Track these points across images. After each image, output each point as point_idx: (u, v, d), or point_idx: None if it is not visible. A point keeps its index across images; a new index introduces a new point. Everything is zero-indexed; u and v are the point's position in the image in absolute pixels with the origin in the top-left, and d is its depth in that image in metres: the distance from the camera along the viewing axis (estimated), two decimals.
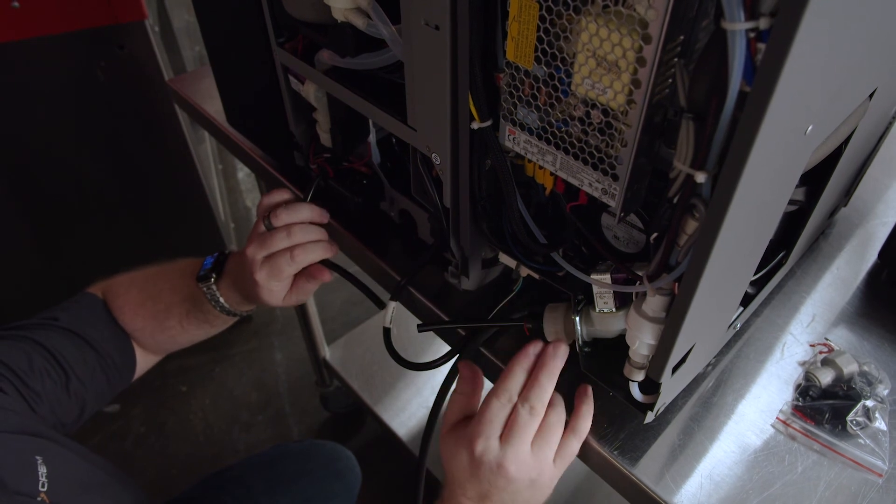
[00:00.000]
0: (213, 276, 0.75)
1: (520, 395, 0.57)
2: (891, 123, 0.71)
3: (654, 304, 0.46)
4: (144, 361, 0.82)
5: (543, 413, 0.56)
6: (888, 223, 0.79)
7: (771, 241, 0.65)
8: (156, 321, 0.77)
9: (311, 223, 0.72)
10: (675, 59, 0.37)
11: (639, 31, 0.36)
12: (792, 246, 0.64)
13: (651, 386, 0.51)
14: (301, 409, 1.69)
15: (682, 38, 0.36)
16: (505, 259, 0.61)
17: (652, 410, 0.53)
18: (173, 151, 1.43)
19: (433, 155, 0.54)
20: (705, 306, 0.45)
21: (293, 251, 0.69)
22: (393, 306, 0.69)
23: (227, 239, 1.71)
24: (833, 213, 0.75)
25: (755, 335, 0.68)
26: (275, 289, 0.72)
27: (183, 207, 1.55)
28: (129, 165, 1.43)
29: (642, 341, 0.47)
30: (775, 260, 0.64)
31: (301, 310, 1.41)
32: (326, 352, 1.52)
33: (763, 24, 0.30)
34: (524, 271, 0.61)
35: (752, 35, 0.31)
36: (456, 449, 0.57)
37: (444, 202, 0.57)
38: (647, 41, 0.35)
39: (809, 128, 0.40)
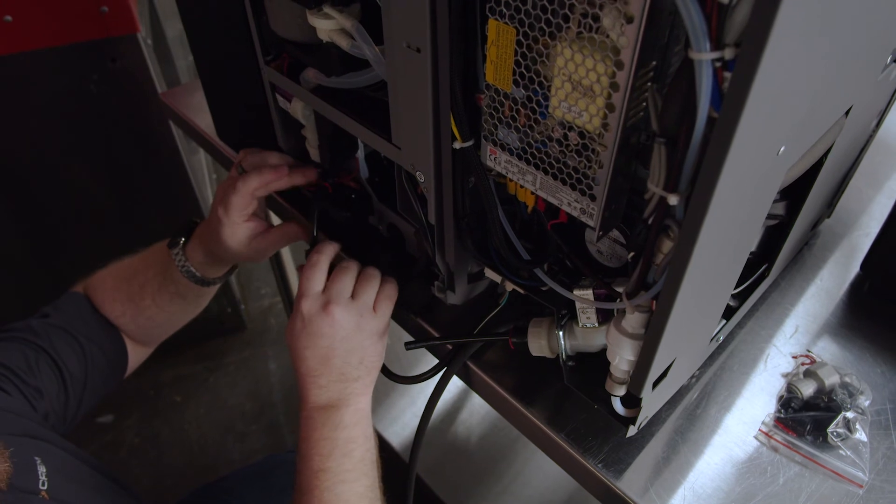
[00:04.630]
0: (182, 239, 0.76)
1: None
2: (871, 137, 0.72)
3: (633, 320, 0.46)
4: (136, 354, 0.82)
5: (357, 270, 0.65)
6: (871, 234, 0.80)
7: (753, 253, 0.66)
8: (132, 303, 0.78)
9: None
10: (649, 84, 0.38)
11: (611, 57, 0.36)
12: (774, 259, 0.65)
13: (632, 400, 0.52)
14: (295, 419, 1.68)
15: (654, 63, 0.37)
16: (490, 274, 0.62)
17: (634, 424, 0.54)
18: (167, 163, 1.44)
19: (417, 173, 0.55)
20: (684, 322, 0.46)
21: (244, 176, 0.69)
22: None
23: None
24: (816, 224, 0.76)
25: (739, 347, 0.68)
26: (236, 222, 0.70)
27: (176, 218, 1.55)
28: (123, 177, 1.44)
29: (622, 357, 0.48)
30: (757, 273, 0.65)
31: None
32: None
33: (728, 54, 0.31)
34: (509, 286, 0.62)
35: (718, 64, 0.32)
36: (290, 325, 0.64)
37: (428, 219, 0.58)
38: (619, 67, 0.36)
39: (781, 149, 0.41)
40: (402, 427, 1.46)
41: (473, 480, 1.38)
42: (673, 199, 0.37)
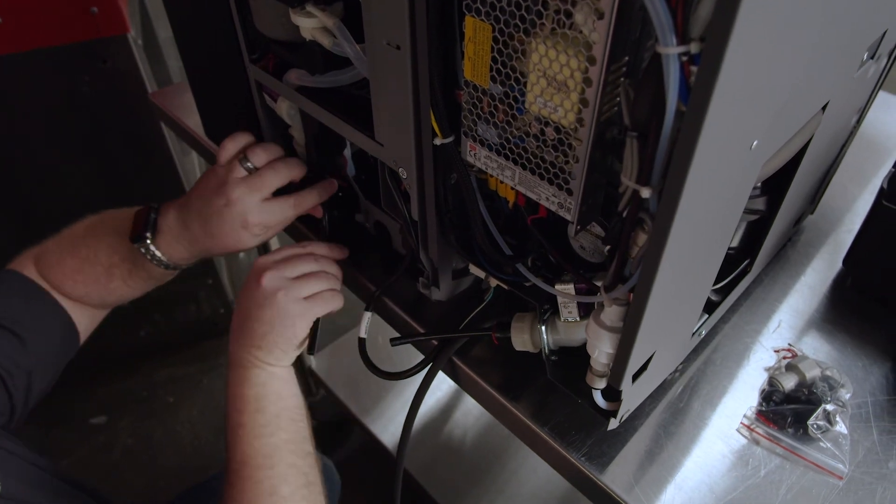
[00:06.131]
0: (148, 235, 0.71)
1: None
2: (853, 133, 0.72)
3: (612, 314, 0.47)
4: (92, 319, 0.80)
5: (316, 266, 0.67)
6: (855, 231, 0.81)
7: (735, 249, 0.66)
8: (99, 284, 0.75)
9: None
10: (622, 79, 0.39)
11: (584, 52, 0.37)
12: (755, 254, 0.66)
13: (613, 393, 0.52)
14: None
15: (626, 58, 0.38)
16: (475, 270, 0.63)
17: (615, 417, 0.54)
18: (158, 163, 1.44)
19: (400, 169, 0.55)
20: (661, 315, 0.47)
21: (295, 197, 0.69)
22: (368, 316, 0.70)
23: None
24: (799, 220, 0.77)
25: (723, 342, 0.69)
26: (261, 234, 0.70)
27: None
28: (114, 177, 1.44)
29: (601, 350, 0.48)
30: (739, 268, 0.66)
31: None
32: (312, 361, 1.53)
33: (694, 48, 0.31)
34: (494, 281, 0.62)
35: (684, 58, 0.32)
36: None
37: (412, 215, 0.58)
38: (592, 62, 0.37)
39: (755, 143, 0.42)
40: (397, 427, 1.46)
41: (467, 480, 1.38)
42: (645, 192, 0.38)
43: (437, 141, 0.49)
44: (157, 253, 0.72)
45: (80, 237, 0.76)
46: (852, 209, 0.86)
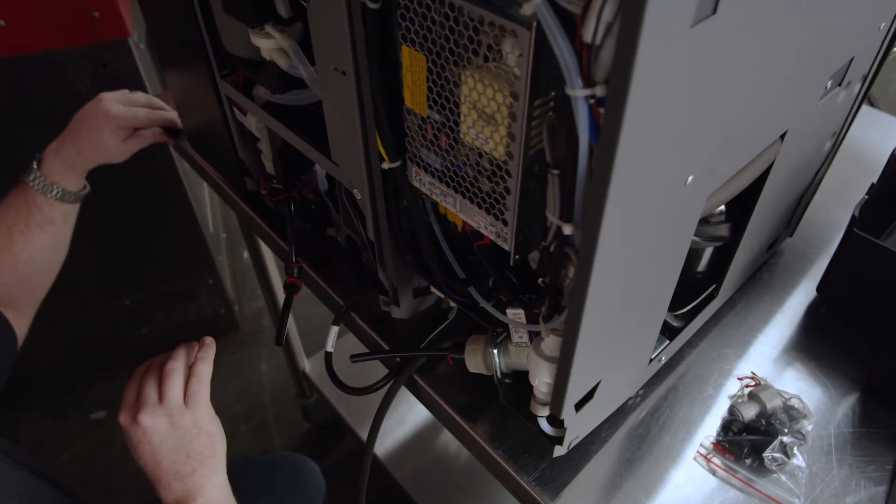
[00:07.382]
0: (35, 164, 0.82)
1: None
2: (830, 156, 0.71)
3: (550, 344, 0.47)
4: (20, 328, 0.84)
5: (159, 370, 0.67)
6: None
7: (702, 273, 0.66)
8: (6, 254, 0.80)
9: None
10: (549, 114, 0.38)
11: (507, 87, 0.37)
12: (721, 279, 0.65)
13: (558, 420, 0.52)
14: (284, 421, 1.71)
15: (553, 94, 0.38)
16: (435, 290, 0.63)
17: (561, 444, 0.54)
18: (159, 166, 1.46)
19: (354, 190, 0.55)
20: (601, 345, 0.46)
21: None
22: (335, 330, 0.70)
23: (215, 249, 1.74)
24: (774, 244, 0.76)
25: (690, 367, 0.68)
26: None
27: (169, 221, 1.57)
28: (115, 180, 1.46)
29: (541, 380, 0.48)
30: (705, 293, 0.65)
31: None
32: (306, 364, 1.54)
33: (599, 91, 0.31)
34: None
35: (591, 101, 0.32)
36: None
37: (367, 235, 0.58)
38: (515, 97, 0.37)
39: (689, 178, 0.41)
40: (384, 432, 1.46)
41: (458, 490, 1.38)
42: (567, 229, 0.38)
43: (385, 165, 0.50)
44: (42, 176, 0.82)
45: None
46: (835, 230, 0.85)
